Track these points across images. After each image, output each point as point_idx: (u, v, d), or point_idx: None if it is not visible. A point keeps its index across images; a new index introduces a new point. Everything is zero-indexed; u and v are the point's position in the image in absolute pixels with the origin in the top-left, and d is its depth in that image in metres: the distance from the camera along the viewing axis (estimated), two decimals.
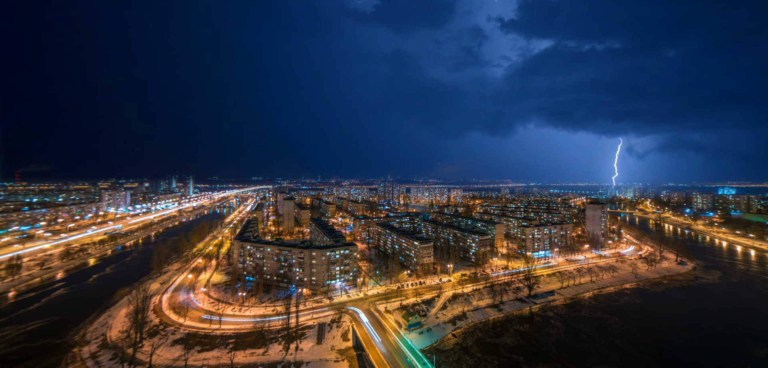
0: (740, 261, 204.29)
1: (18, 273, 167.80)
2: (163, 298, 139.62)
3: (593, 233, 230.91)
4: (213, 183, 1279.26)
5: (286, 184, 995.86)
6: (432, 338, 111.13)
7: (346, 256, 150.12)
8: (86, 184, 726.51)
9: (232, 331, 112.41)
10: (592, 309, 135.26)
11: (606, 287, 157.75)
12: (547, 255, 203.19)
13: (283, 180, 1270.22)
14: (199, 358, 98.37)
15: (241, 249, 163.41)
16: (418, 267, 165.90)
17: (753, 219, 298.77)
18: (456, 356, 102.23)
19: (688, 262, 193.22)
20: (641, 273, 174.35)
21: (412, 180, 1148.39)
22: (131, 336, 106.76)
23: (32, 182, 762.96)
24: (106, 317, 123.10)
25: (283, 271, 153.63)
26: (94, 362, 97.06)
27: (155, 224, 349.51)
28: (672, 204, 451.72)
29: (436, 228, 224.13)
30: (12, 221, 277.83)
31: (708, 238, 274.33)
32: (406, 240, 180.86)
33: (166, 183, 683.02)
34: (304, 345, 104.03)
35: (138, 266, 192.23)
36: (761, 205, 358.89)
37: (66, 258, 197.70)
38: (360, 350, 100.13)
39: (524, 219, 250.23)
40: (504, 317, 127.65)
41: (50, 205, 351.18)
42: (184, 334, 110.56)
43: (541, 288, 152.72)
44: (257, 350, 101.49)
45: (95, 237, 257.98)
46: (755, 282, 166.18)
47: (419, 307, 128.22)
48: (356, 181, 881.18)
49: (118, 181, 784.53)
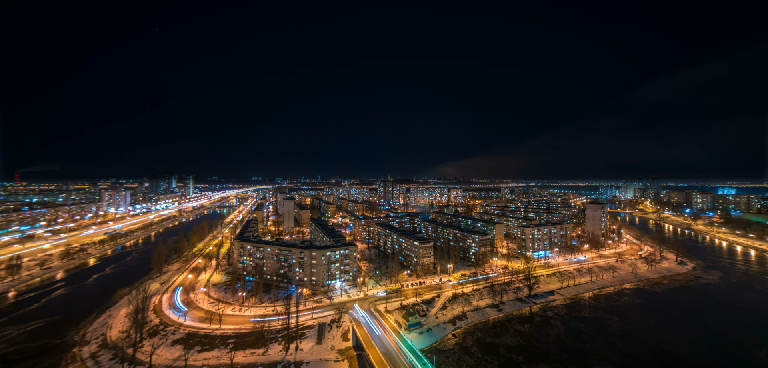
0: (740, 261, 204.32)
1: (18, 273, 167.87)
2: (162, 298, 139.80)
3: (593, 233, 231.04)
4: (213, 183, 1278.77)
5: (286, 184, 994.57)
6: (432, 338, 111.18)
7: (346, 256, 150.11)
8: (86, 183, 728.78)
9: (232, 331, 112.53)
10: (592, 309, 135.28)
11: (606, 287, 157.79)
12: (547, 255, 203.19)
13: (283, 180, 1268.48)
14: (199, 358, 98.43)
15: (241, 249, 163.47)
16: (418, 267, 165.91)
17: (753, 219, 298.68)
18: (456, 356, 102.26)
19: (688, 262, 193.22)
20: (641, 273, 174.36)
21: (412, 180, 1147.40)
22: (131, 336, 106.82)
23: (32, 182, 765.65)
24: (106, 317, 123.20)
25: (283, 271, 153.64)
26: (94, 362, 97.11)
27: (155, 224, 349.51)
28: (672, 204, 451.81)
29: (436, 228, 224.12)
30: (12, 221, 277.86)
31: (708, 238, 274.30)
32: (406, 240, 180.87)
33: (166, 183, 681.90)
34: (304, 345, 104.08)
35: (138, 266, 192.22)
36: (761, 205, 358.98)
37: (66, 258, 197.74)
38: (360, 350, 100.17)
39: (524, 219, 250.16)
40: (504, 317, 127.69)
41: (50, 205, 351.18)
42: (184, 334, 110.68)
43: (541, 288, 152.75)
44: (257, 350, 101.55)
45: (95, 237, 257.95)
46: (755, 282, 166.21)
47: (419, 307, 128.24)
48: (356, 181, 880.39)
49: (118, 181, 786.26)
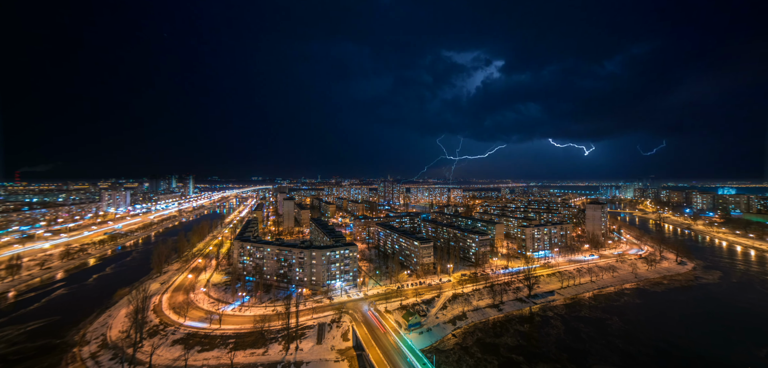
0: (740, 261, 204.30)
1: (18, 273, 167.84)
2: (162, 298, 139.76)
3: (593, 233, 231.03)
4: (213, 183, 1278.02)
5: (286, 184, 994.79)
6: (432, 338, 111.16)
7: (346, 256, 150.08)
8: (86, 183, 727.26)
9: (232, 331, 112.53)
10: (592, 309, 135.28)
11: (606, 287, 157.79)
12: (547, 255, 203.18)
13: (283, 180, 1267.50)
14: (199, 358, 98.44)
15: (241, 249, 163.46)
16: (418, 267, 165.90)
17: (753, 219, 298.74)
18: (456, 356, 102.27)
19: (688, 262, 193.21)
20: (641, 273, 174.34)
21: (412, 180, 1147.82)
22: (131, 336, 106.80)
23: (32, 182, 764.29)
24: (106, 317, 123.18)
25: (283, 271, 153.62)
26: (94, 362, 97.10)
27: (155, 224, 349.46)
28: (672, 204, 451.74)
29: (436, 228, 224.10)
30: (12, 221, 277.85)
31: (708, 238, 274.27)
32: (406, 240, 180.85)
33: (166, 183, 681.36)
34: (304, 345, 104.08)
35: (138, 266, 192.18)
36: (761, 205, 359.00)
37: (66, 258, 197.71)
38: (360, 350, 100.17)
39: (524, 219, 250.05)
40: (504, 317, 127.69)
41: (50, 205, 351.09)
42: (184, 334, 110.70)
43: (541, 288, 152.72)
44: (257, 350, 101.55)
45: (95, 237, 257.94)
46: (755, 282, 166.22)
47: (419, 307, 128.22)
48: (356, 181, 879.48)
49: (118, 181, 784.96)
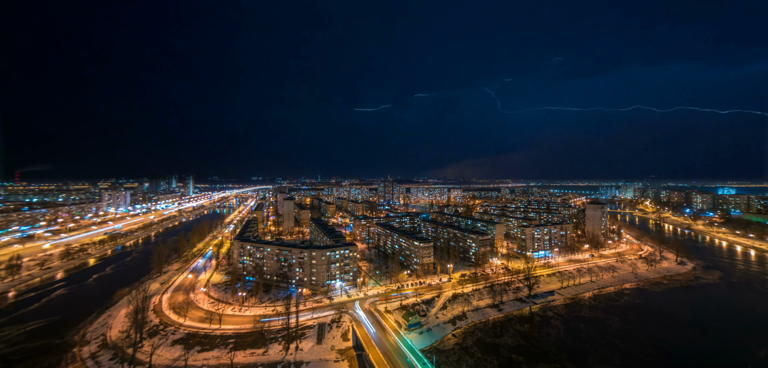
0: (740, 261, 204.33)
1: (18, 273, 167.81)
2: (162, 298, 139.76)
3: (593, 233, 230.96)
4: (213, 183, 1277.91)
5: (286, 183, 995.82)
6: (432, 338, 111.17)
7: (346, 256, 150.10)
8: (86, 183, 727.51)
9: (232, 331, 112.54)
10: (592, 309, 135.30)
11: (606, 287, 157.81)
12: (547, 255, 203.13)
13: (283, 180, 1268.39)
14: (199, 358, 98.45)
15: (241, 249, 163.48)
16: (418, 267, 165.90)
17: (753, 219, 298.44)
18: (456, 356, 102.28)
19: (688, 262, 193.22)
20: (641, 273, 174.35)
21: (412, 180, 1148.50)
22: (131, 336, 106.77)
23: (32, 182, 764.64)
24: (106, 317, 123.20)
25: (283, 271, 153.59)
26: (94, 362, 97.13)
27: (155, 224, 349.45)
28: (672, 204, 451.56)
29: (436, 228, 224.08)
30: (12, 221, 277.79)
31: (708, 238, 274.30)
32: (406, 240, 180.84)
33: (166, 183, 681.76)
34: (304, 345, 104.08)
35: (138, 266, 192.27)
36: (761, 205, 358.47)
37: (66, 258, 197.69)
38: (360, 350, 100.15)
39: (524, 219, 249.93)
40: (504, 317, 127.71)
41: (50, 205, 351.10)
42: (184, 334, 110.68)
43: (541, 288, 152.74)
44: (257, 350, 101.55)
45: (95, 238, 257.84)
46: (755, 282, 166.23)
47: (419, 307, 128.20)
48: (356, 181, 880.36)
49: (118, 181, 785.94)
